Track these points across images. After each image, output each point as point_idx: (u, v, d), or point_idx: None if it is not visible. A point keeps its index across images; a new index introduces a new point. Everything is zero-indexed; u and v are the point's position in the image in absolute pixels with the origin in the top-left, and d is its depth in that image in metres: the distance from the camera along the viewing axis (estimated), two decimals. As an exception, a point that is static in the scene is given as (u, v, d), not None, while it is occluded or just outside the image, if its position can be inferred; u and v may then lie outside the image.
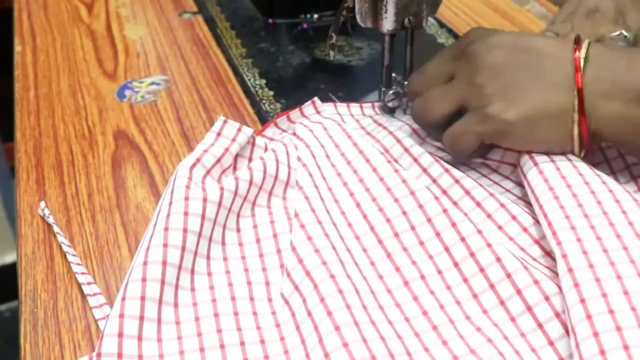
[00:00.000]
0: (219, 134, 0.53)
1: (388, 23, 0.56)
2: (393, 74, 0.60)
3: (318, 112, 0.59)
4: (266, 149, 0.55)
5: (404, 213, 0.48)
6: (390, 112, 0.61)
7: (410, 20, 0.56)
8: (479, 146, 0.50)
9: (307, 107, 0.59)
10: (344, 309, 0.40)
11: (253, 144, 0.55)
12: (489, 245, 0.44)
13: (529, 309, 0.41)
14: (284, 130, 0.59)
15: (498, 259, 0.43)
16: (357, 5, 0.56)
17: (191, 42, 0.78)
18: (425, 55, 0.56)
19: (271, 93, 0.67)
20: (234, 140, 0.53)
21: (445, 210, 0.47)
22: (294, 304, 0.43)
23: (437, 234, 0.46)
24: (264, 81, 0.69)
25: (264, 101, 0.66)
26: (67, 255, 0.49)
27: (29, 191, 0.56)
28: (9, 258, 1.50)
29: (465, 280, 0.44)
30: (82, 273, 0.48)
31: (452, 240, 0.46)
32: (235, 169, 0.53)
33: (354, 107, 0.62)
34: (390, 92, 0.60)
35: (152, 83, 0.71)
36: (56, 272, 0.49)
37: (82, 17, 0.85)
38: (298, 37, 0.77)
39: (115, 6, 0.87)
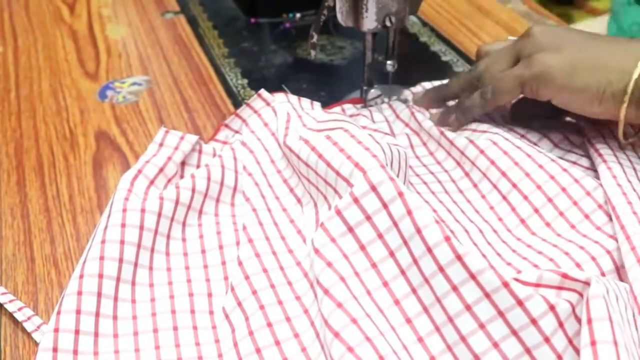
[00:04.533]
0: (161, 144, 0.52)
1: (369, 22, 0.56)
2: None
3: (268, 104, 0.57)
4: (214, 155, 0.54)
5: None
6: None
7: (391, 19, 0.56)
8: (518, 93, 0.51)
9: (256, 101, 0.57)
10: (292, 339, 0.41)
11: (200, 152, 0.54)
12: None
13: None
14: (236, 132, 0.58)
15: (459, 257, 0.39)
16: (337, 4, 0.56)
17: (173, 42, 0.78)
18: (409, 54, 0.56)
19: (253, 93, 0.67)
20: (176, 148, 0.52)
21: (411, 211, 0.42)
22: (235, 320, 0.42)
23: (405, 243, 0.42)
24: (246, 81, 0.69)
25: (246, 101, 0.65)
26: None
27: (9, 193, 0.56)
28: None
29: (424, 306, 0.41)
30: (10, 301, 0.46)
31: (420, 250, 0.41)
32: (182, 177, 0.52)
33: (305, 101, 0.58)
34: (372, 90, 0.60)
35: (134, 83, 0.70)
36: (37, 274, 0.48)
37: (64, 17, 0.84)
38: (280, 36, 0.77)
39: (97, 6, 0.87)
